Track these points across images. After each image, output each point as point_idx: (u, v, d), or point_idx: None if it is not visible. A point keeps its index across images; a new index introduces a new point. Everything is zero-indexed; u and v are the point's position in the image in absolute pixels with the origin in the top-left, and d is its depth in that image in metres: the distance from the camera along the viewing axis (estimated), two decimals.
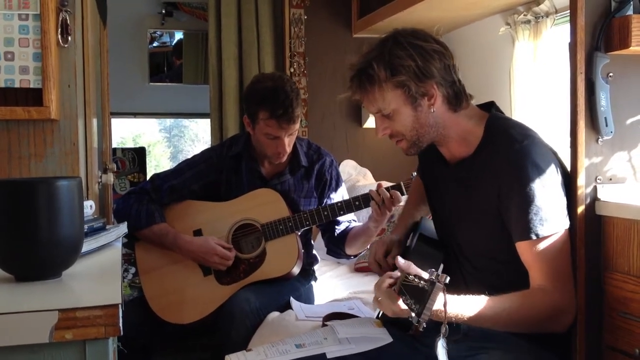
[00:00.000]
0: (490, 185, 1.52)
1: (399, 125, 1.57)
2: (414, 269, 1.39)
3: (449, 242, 1.68)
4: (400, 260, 1.42)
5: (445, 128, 1.58)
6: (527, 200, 1.45)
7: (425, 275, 1.34)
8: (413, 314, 1.31)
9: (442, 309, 1.32)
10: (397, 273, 1.42)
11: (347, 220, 2.40)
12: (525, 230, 1.46)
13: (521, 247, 1.49)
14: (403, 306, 1.36)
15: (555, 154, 1.55)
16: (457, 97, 1.56)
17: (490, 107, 1.64)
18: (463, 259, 1.63)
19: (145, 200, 2.31)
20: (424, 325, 1.29)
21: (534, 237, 1.46)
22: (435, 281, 1.28)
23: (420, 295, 1.30)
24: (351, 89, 1.61)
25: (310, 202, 2.38)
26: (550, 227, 1.46)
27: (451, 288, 1.33)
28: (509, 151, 1.49)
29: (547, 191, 1.46)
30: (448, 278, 1.29)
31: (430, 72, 1.52)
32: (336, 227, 2.38)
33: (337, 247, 2.40)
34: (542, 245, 1.46)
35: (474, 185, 1.57)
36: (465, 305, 1.40)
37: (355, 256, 2.45)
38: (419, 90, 1.53)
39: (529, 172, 1.46)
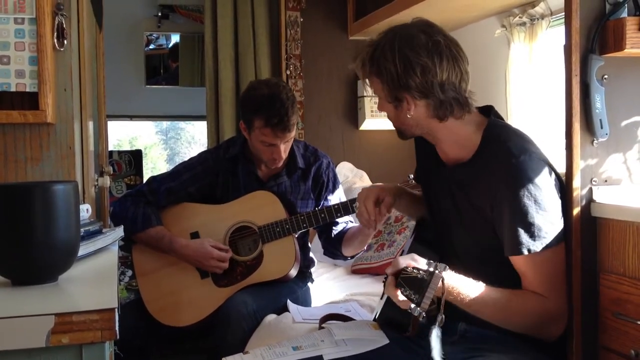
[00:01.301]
0: (485, 196, 1.52)
1: (386, 112, 1.62)
2: (405, 261, 1.42)
3: (443, 243, 1.68)
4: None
5: (432, 131, 1.59)
6: (520, 217, 1.45)
7: (424, 266, 1.37)
8: (412, 305, 1.33)
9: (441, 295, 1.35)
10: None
11: (345, 221, 2.40)
12: (518, 246, 1.47)
13: (514, 259, 1.50)
14: (402, 297, 1.38)
15: (552, 167, 1.52)
16: (443, 109, 1.53)
17: (489, 112, 1.63)
18: (456, 261, 1.63)
19: (141, 203, 2.31)
20: (424, 315, 1.31)
21: (525, 253, 1.46)
22: (435, 271, 1.31)
23: (419, 285, 1.33)
24: (357, 62, 1.62)
25: (307, 204, 2.38)
26: (543, 244, 1.46)
27: None
28: (505, 166, 1.48)
29: (541, 208, 1.46)
30: (447, 267, 1.33)
31: (405, 84, 1.50)
32: (333, 228, 2.38)
33: (334, 247, 2.40)
34: (534, 260, 1.47)
35: (469, 192, 1.57)
36: (461, 289, 1.43)
37: (352, 257, 2.45)
38: (392, 94, 1.55)
39: (524, 188, 1.45)
